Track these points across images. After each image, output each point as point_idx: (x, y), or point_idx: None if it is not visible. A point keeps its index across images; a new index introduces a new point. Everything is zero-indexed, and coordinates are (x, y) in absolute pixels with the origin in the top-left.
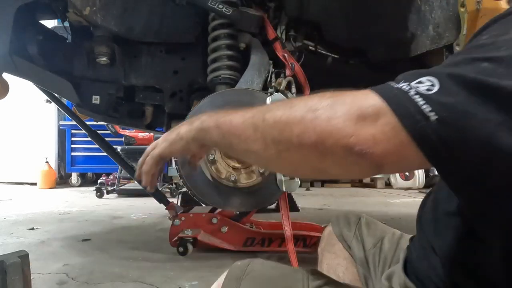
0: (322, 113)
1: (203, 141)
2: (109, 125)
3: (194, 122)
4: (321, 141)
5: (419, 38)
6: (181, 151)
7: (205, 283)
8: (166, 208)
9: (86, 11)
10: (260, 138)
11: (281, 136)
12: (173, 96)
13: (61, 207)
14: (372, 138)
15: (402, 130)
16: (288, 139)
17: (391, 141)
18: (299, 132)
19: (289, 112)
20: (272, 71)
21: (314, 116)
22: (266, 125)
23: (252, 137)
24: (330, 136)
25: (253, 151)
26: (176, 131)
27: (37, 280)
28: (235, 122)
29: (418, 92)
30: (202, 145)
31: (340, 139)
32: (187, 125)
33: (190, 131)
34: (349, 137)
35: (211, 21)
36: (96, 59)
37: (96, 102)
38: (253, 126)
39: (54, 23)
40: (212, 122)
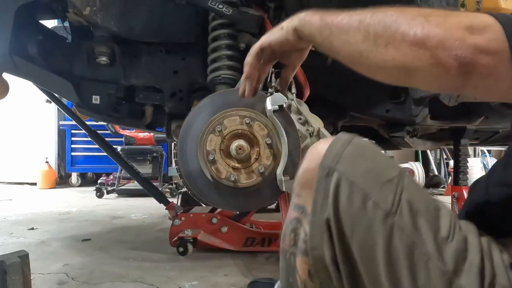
0: (433, 18)
1: (303, 31)
2: (109, 125)
3: (296, 16)
4: (425, 40)
5: None
6: (280, 41)
7: (205, 283)
8: (166, 208)
9: (86, 11)
10: (362, 30)
11: (385, 31)
12: (173, 96)
13: (61, 207)
14: (474, 46)
15: (507, 46)
16: (391, 34)
17: (492, 52)
18: (405, 29)
19: (401, 13)
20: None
21: (424, 20)
22: (373, 19)
23: (355, 28)
24: (436, 37)
25: (351, 42)
26: (278, 26)
27: (37, 280)
28: (341, 16)
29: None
30: (300, 37)
31: (444, 41)
32: (289, 19)
33: (291, 21)
34: (454, 41)
35: (211, 21)
36: (96, 59)
37: (96, 102)
38: (359, 20)
39: (54, 23)
40: (317, 15)
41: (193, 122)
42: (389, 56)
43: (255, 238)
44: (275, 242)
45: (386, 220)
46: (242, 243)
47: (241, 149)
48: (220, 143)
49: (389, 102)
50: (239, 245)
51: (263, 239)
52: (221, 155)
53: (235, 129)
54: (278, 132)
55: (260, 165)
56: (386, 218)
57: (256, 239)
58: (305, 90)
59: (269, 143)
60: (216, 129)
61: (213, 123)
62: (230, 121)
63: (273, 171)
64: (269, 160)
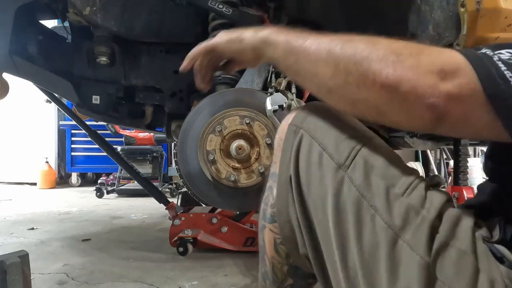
0: (406, 58)
1: (263, 53)
2: (109, 125)
3: (261, 31)
4: (398, 84)
5: (419, 38)
6: (234, 52)
7: (205, 283)
8: (166, 208)
9: (86, 11)
10: (331, 64)
11: (356, 68)
12: (173, 96)
13: (61, 207)
14: (446, 94)
15: (480, 90)
16: (363, 73)
17: (465, 98)
18: (378, 69)
19: (372, 48)
20: (272, 71)
21: (397, 60)
22: (343, 53)
23: (323, 60)
24: (408, 82)
25: (319, 75)
26: (238, 33)
27: (37, 280)
28: (308, 42)
29: (500, 59)
30: (259, 56)
31: (417, 87)
32: (252, 32)
33: (253, 38)
34: (427, 88)
35: (211, 21)
36: (96, 59)
37: (96, 102)
38: (328, 51)
39: (54, 23)
40: (282, 37)
41: (193, 122)
42: (360, 96)
43: (255, 238)
44: None
45: (337, 172)
46: (242, 243)
47: (241, 149)
48: (220, 143)
49: None
50: (239, 245)
51: None
52: (221, 155)
53: (235, 129)
54: None
55: (260, 165)
56: (337, 170)
57: (256, 239)
58: (305, 90)
59: (269, 143)
60: (216, 129)
61: (213, 123)
62: (230, 121)
63: None
64: (269, 160)
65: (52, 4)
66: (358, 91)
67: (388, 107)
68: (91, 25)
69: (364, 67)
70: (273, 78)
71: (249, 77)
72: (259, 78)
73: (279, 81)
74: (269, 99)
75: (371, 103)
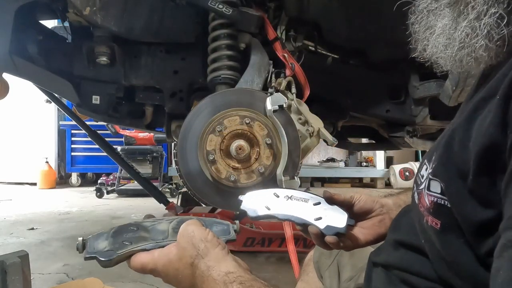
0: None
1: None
2: (109, 125)
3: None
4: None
5: None
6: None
7: None
8: (166, 208)
9: (86, 11)
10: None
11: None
12: (173, 96)
13: (61, 207)
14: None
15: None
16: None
17: None
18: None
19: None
20: (272, 71)
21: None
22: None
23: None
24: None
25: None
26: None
27: (37, 280)
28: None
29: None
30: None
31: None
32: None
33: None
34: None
35: (211, 21)
36: (96, 59)
37: (96, 102)
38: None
39: (54, 23)
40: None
41: (193, 122)
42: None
43: (255, 238)
44: (275, 242)
45: None
46: (242, 243)
47: (241, 149)
48: (220, 143)
49: (389, 102)
50: (239, 245)
51: (263, 239)
52: (221, 155)
53: (235, 129)
54: (278, 132)
55: (260, 165)
56: None
57: (256, 239)
58: (305, 90)
59: (269, 143)
60: (216, 129)
61: (213, 123)
62: (230, 121)
63: (273, 171)
64: (269, 160)
65: (52, 4)
66: None
67: None
68: (91, 25)
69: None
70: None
71: (249, 77)
72: (259, 78)
73: (279, 81)
74: (269, 99)
75: None
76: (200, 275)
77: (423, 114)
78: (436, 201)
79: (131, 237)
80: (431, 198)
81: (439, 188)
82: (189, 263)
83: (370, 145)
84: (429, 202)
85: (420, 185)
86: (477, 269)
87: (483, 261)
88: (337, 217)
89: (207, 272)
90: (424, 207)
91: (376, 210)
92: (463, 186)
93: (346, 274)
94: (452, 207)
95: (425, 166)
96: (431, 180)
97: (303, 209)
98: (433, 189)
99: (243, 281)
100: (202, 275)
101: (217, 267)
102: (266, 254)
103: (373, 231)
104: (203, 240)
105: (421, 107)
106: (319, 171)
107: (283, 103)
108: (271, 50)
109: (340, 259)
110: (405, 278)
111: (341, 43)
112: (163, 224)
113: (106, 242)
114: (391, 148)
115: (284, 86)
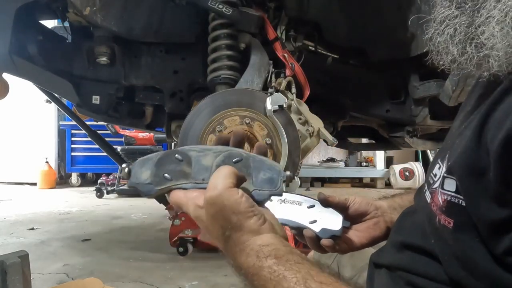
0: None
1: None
2: (109, 125)
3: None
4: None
5: (419, 38)
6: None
7: (205, 283)
8: (166, 208)
9: (86, 11)
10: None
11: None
12: (173, 96)
13: (61, 207)
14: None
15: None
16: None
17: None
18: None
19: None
20: (272, 71)
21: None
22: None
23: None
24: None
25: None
26: (226, 235)
27: (37, 280)
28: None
29: None
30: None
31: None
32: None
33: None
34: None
35: (211, 21)
36: (96, 59)
37: (96, 102)
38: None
39: (54, 23)
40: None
41: (193, 122)
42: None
43: None
44: None
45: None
46: None
47: None
48: None
49: (389, 102)
50: None
51: None
52: None
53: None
54: (278, 132)
55: None
56: None
57: None
58: (305, 90)
59: (269, 143)
60: (216, 129)
61: (213, 123)
62: (230, 121)
63: None
64: None
65: (52, 4)
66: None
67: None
68: (91, 25)
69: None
70: (273, 78)
71: (249, 77)
72: (259, 78)
73: (279, 81)
74: (269, 99)
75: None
76: (232, 245)
77: (423, 114)
78: (450, 200)
79: (173, 170)
80: (444, 196)
81: (454, 186)
82: (220, 233)
83: (370, 145)
84: (442, 200)
85: (433, 184)
86: (493, 268)
87: (499, 259)
88: (332, 220)
89: (240, 245)
90: (437, 206)
91: (371, 213)
92: (479, 184)
93: (346, 274)
94: (467, 205)
95: (438, 165)
96: (446, 178)
97: (297, 212)
98: (448, 188)
99: (279, 255)
100: (234, 246)
101: (252, 240)
102: None
103: (368, 234)
104: (235, 212)
105: (421, 107)
106: (319, 171)
107: (283, 103)
108: (271, 50)
109: (340, 259)
110: (411, 279)
111: (341, 43)
112: (209, 158)
113: (149, 173)
114: (391, 148)
115: (284, 86)
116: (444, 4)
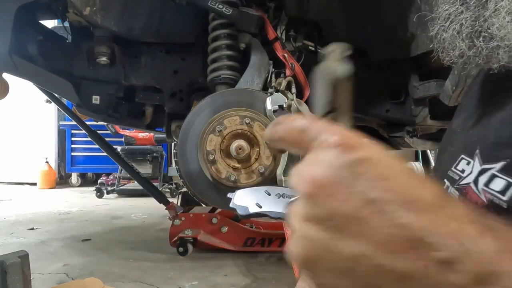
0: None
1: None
2: (109, 125)
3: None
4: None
5: (419, 38)
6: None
7: (205, 283)
8: (166, 208)
9: (86, 11)
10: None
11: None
12: (173, 96)
13: (61, 207)
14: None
15: None
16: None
17: None
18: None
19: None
20: (272, 71)
21: None
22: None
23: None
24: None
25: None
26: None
27: (37, 280)
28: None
29: None
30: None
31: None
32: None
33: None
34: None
35: (211, 21)
36: (96, 59)
37: (96, 102)
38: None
39: (54, 23)
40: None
41: (193, 122)
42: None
43: (255, 238)
44: (275, 242)
45: None
46: (242, 243)
47: (241, 149)
48: (220, 143)
49: (389, 102)
50: (239, 245)
51: (263, 239)
52: (221, 155)
53: (235, 129)
54: None
55: (260, 165)
56: None
57: (256, 239)
58: (305, 90)
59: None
60: (216, 129)
61: (213, 123)
62: (230, 121)
63: (273, 171)
64: (269, 160)
65: (52, 4)
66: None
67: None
68: (91, 25)
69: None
70: (273, 78)
71: (249, 77)
72: (259, 78)
73: (279, 81)
74: (269, 99)
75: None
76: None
77: (423, 114)
78: (492, 200)
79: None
80: (488, 195)
81: (503, 187)
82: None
83: None
84: (486, 199)
85: (461, 180)
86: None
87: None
88: None
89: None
90: (478, 203)
91: None
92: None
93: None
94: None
95: (465, 161)
96: (496, 177)
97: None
98: (494, 187)
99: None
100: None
101: None
102: (266, 254)
103: None
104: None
105: (421, 107)
106: None
107: (283, 103)
108: (271, 50)
109: None
110: None
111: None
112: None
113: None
114: (391, 148)
115: (284, 86)
116: (448, 1)
